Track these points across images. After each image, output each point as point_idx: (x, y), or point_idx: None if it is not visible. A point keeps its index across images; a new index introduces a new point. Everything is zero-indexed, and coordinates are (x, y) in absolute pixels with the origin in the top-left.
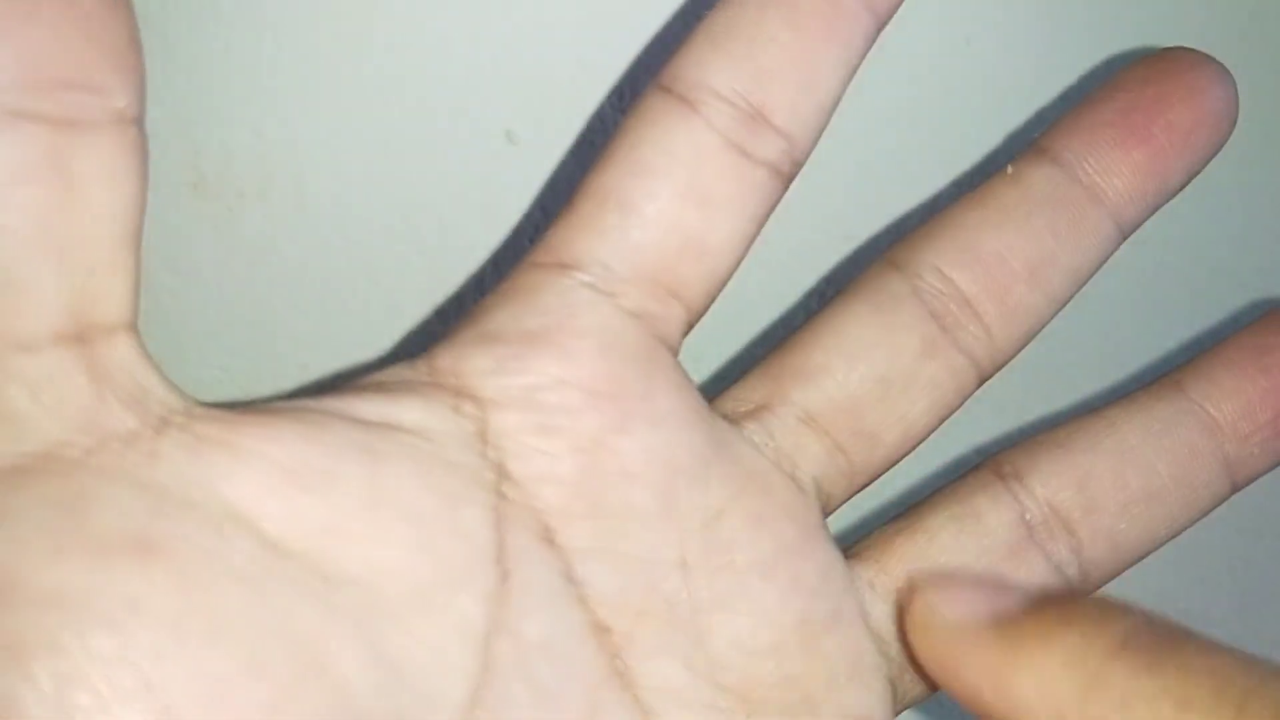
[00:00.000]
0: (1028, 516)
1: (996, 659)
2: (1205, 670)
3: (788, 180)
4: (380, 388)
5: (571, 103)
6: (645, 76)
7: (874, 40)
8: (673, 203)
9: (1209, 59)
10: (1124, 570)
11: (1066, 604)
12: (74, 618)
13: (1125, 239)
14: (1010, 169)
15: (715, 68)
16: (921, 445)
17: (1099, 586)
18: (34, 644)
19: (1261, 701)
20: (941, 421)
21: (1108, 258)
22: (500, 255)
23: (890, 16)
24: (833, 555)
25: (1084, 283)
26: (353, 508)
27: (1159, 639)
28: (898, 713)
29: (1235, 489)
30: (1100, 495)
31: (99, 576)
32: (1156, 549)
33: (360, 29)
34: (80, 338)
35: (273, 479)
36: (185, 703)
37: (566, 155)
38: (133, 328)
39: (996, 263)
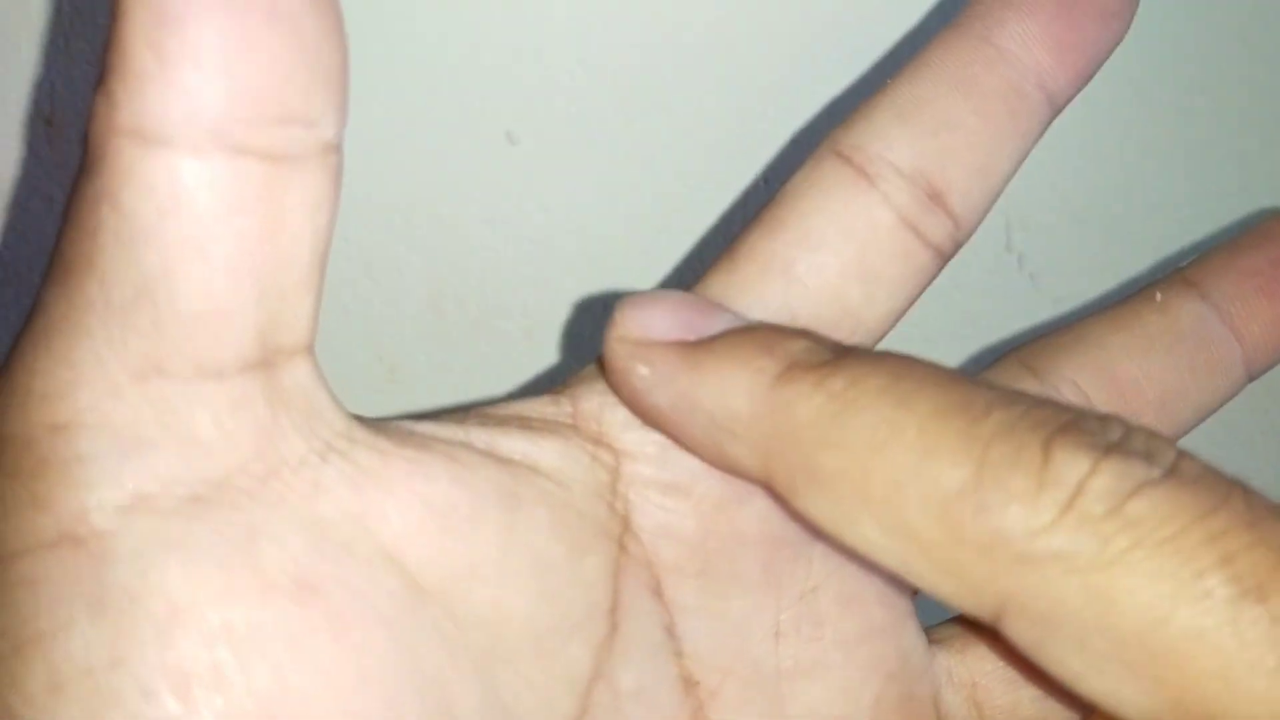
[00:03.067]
0: None
1: (680, 375)
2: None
3: (946, 261)
4: (523, 424)
5: (571, 103)
6: (647, 77)
7: (1047, 128)
8: (839, 277)
9: None
10: None
11: (752, 326)
12: (239, 654)
13: (1250, 381)
14: (1159, 296)
15: (898, 142)
16: None
17: None
18: (200, 676)
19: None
20: None
21: (1231, 398)
22: (502, 255)
23: (1066, 105)
24: (917, 641)
25: (1204, 419)
26: (489, 553)
27: (823, 360)
28: None
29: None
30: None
31: (265, 615)
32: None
33: (360, 29)
34: (265, 363)
35: (422, 520)
36: None
37: (566, 155)
38: (311, 349)
39: (1132, 388)
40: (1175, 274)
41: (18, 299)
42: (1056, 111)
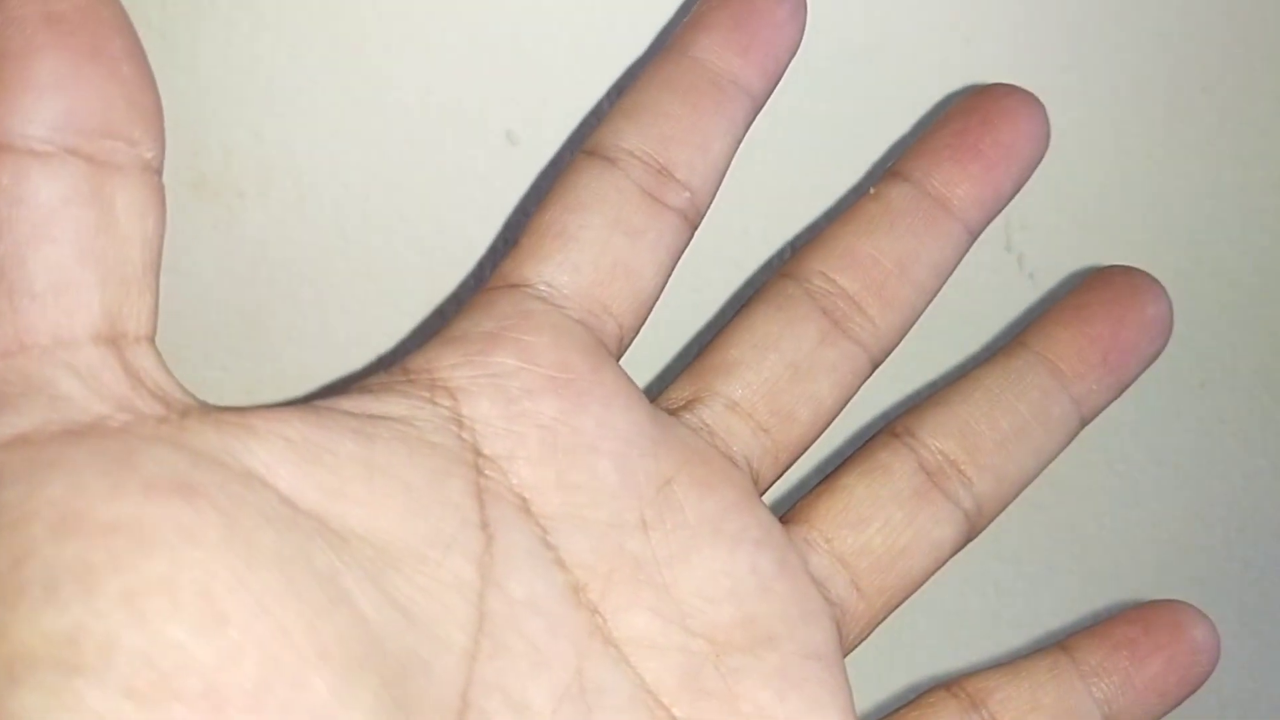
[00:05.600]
0: (924, 463)
1: None
2: None
3: (693, 226)
4: (363, 389)
5: (571, 103)
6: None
7: (755, 114)
8: (603, 230)
9: (1020, 89)
10: (1013, 500)
11: None
12: (134, 543)
13: (974, 238)
14: (873, 190)
15: (628, 135)
16: (832, 430)
17: (994, 516)
18: (102, 566)
19: None
20: (845, 402)
21: (962, 255)
22: (498, 255)
23: (766, 97)
24: (769, 514)
25: (946, 277)
26: (353, 476)
27: None
28: (845, 652)
29: (1084, 422)
30: (978, 438)
31: (152, 510)
32: (1033, 478)
33: (360, 29)
34: (114, 341)
35: (283, 451)
36: (237, 612)
37: (566, 155)
38: (153, 341)
39: (871, 263)
40: (885, 171)
41: None
42: (756, 99)
